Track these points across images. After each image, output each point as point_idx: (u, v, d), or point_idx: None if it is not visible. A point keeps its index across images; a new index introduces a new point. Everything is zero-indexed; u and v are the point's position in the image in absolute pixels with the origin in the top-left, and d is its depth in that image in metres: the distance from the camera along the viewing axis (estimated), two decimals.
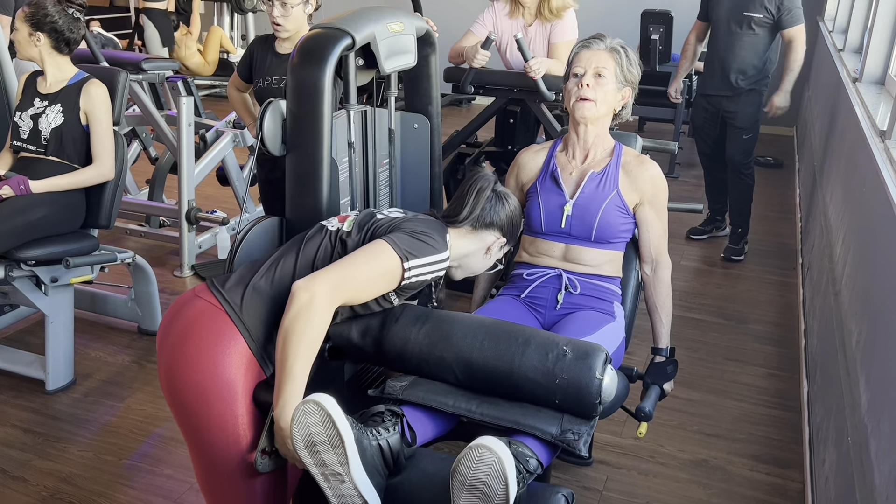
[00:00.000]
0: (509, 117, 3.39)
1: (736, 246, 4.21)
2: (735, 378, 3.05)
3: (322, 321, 1.45)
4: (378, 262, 1.54)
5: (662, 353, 2.11)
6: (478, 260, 1.78)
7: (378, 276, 1.54)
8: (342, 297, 1.49)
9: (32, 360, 2.96)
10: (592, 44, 2.02)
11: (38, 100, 2.76)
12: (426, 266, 1.59)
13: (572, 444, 1.50)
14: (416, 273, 1.58)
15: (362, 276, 1.52)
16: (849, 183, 2.85)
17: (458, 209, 1.75)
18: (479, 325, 1.62)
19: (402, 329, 1.63)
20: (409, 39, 2.01)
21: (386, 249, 1.54)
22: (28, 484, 2.39)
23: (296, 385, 1.43)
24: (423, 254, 1.58)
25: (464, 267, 1.79)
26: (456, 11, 5.60)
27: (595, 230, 2.02)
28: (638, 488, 2.41)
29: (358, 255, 1.54)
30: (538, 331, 1.62)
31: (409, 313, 1.67)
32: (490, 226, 1.75)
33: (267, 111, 1.81)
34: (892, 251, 1.87)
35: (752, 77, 3.90)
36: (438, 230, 1.66)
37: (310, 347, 1.44)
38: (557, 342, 1.56)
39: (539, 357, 1.53)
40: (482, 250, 1.77)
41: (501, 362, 1.55)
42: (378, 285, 1.55)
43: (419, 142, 2.20)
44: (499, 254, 1.81)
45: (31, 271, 2.71)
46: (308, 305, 1.43)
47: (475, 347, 1.57)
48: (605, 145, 2.10)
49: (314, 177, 1.81)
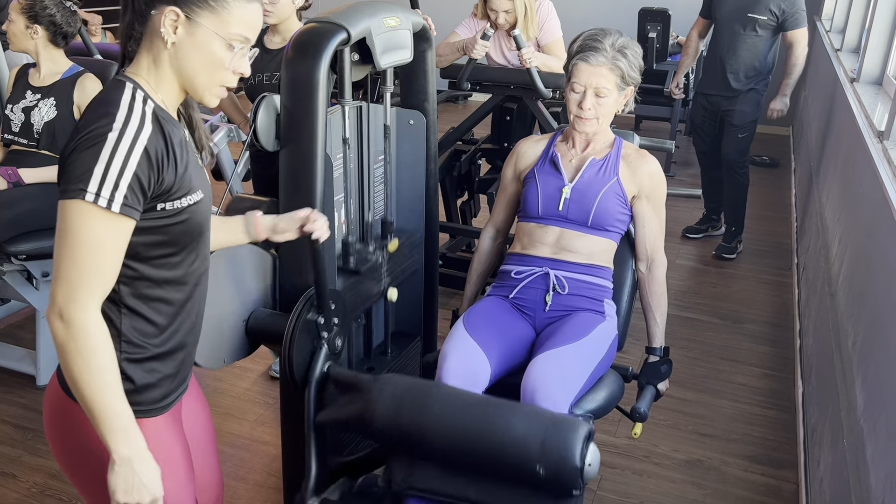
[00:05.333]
0: (506, 114, 3.37)
1: (728, 244, 4.21)
2: (730, 378, 3.04)
3: (93, 342, 1.14)
4: (70, 226, 1.12)
5: (657, 352, 2.10)
6: (206, 63, 1.22)
7: (88, 241, 1.12)
8: (92, 294, 1.14)
9: (23, 355, 2.94)
10: (591, 57, 1.95)
11: (31, 93, 2.73)
12: (116, 165, 1.11)
13: None
14: (116, 189, 1.11)
15: (77, 256, 1.12)
16: (846, 183, 2.84)
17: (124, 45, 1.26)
18: (452, 428, 1.57)
19: (380, 432, 1.62)
20: (406, 35, 1.99)
21: (65, 206, 1.12)
22: (17, 480, 2.37)
23: (119, 418, 1.17)
24: (92, 162, 1.11)
25: (201, 86, 1.25)
26: (453, 7, 5.58)
27: (592, 215, 2.01)
28: (632, 488, 2.40)
29: (59, 240, 1.14)
30: (509, 419, 1.56)
31: (382, 415, 1.61)
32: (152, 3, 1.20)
33: (261, 106, 1.79)
34: (889, 252, 1.86)
35: (752, 77, 3.89)
36: (102, 100, 1.18)
37: (102, 374, 1.15)
38: (528, 456, 1.49)
39: (515, 470, 1.52)
40: (197, 50, 1.21)
41: (483, 468, 1.56)
42: (106, 250, 1.14)
43: (415, 138, 2.18)
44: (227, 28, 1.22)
45: (21, 265, 2.68)
46: (67, 335, 1.13)
47: (454, 450, 1.57)
48: (605, 138, 2.10)
49: (308, 173, 1.79)
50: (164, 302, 1.27)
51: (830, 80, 4.02)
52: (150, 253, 1.23)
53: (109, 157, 1.12)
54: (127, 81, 1.21)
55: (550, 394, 1.73)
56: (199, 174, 1.29)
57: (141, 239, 1.20)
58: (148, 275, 1.24)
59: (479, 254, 2.25)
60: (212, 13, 1.20)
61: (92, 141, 1.12)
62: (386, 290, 2.07)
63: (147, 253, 1.22)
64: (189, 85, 1.25)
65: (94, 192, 1.11)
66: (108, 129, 1.13)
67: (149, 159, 1.15)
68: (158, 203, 1.19)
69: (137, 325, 1.25)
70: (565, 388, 1.76)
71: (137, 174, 1.14)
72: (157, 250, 1.23)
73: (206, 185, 1.31)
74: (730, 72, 3.90)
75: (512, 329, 1.98)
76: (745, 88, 3.91)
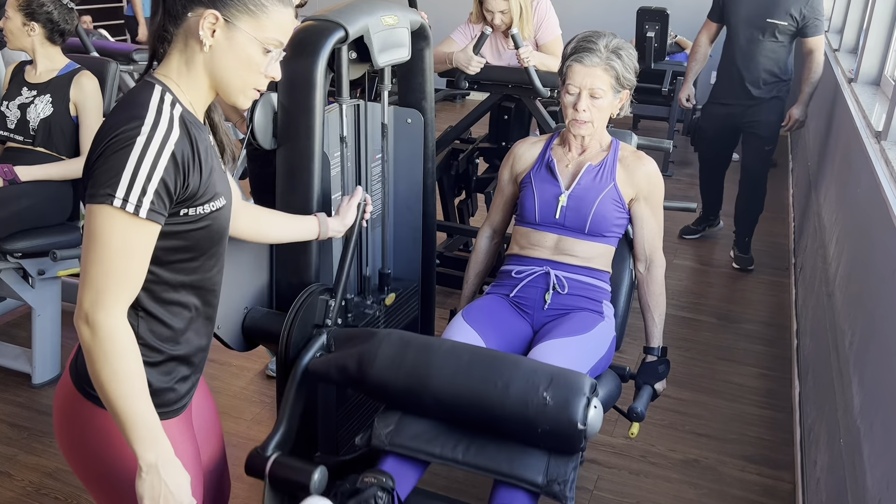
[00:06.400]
0: (504, 113, 3.37)
1: (747, 255, 4.04)
2: (727, 378, 3.04)
3: (120, 347, 1.14)
4: (98, 231, 1.12)
5: (654, 352, 2.09)
6: (242, 67, 1.22)
7: (115, 246, 1.12)
8: (118, 299, 1.14)
9: (19, 353, 2.93)
10: (585, 58, 1.94)
11: (27, 89, 2.72)
12: (144, 170, 1.12)
13: (558, 496, 1.52)
14: (144, 195, 1.11)
15: (104, 261, 1.12)
16: (843, 183, 2.84)
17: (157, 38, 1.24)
18: (457, 369, 1.58)
19: (379, 374, 1.61)
20: (403, 33, 1.99)
21: (92, 211, 1.12)
22: (13, 479, 2.36)
23: (146, 423, 1.17)
24: (120, 167, 1.11)
25: (233, 87, 1.24)
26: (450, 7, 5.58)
27: (590, 222, 2.01)
28: (629, 488, 2.40)
29: (86, 245, 1.14)
30: (518, 366, 1.58)
31: (385, 354, 1.61)
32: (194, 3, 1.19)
33: (258, 105, 1.79)
34: (886, 252, 1.86)
35: (772, 84, 3.71)
36: (130, 102, 1.18)
37: (129, 379, 1.15)
38: (538, 386, 1.52)
39: (520, 406, 1.51)
40: (234, 53, 1.21)
41: (483, 411, 1.55)
42: (132, 255, 1.14)
43: (412, 137, 2.18)
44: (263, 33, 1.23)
45: (17, 263, 2.68)
46: (94, 341, 1.13)
47: (455, 394, 1.56)
48: (602, 141, 2.09)
49: (305, 171, 1.79)
50: (181, 306, 1.27)
51: (828, 80, 4.02)
52: (170, 257, 1.22)
53: (137, 162, 1.11)
54: (156, 83, 1.20)
55: None
56: (222, 180, 1.29)
57: (162, 243, 1.19)
58: (166, 279, 1.23)
59: (477, 253, 2.25)
60: (251, 17, 1.20)
61: (120, 145, 1.12)
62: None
63: (167, 257, 1.21)
64: (222, 88, 1.24)
65: (122, 198, 1.10)
66: (137, 133, 1.12)
67: (176, 164, 1.15)
68: (182, 208, 1.19)
69: (154, 329, 1.25)
70: None
71: (164, 179, 1.13)
72: (177, 255, 1.23)
73: (228, 191, 1.30)
74: (748, 80, 3.71)
75: (510, 325, 1.98)
76: (767, 96, 3.72)
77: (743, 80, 3.72)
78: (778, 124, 3.79)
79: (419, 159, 2.20)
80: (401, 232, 2.24)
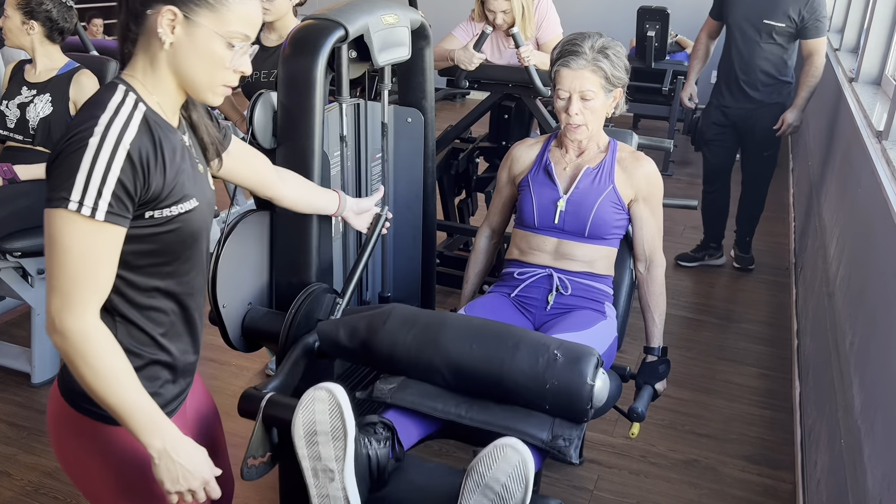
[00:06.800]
0: (504, 113, 3.37)
1: (747, 255, 4.00)
2: (727, 378, 3.04)
3: (96, 347, 1.12)
4: (57, 236, 1.08)
5: (655, 352, 2.09)
6: (206, 63, 1.18)
7: (76, 251, 1.08)
8: (87, 303, 1.11)
9: (18, 352, 2.92)
10: (572, 61, 1.92)
11: (26, 88, 2.72)
12: (98, 171, 1.07)
13: (563, 451, 1.49)
14: (100, 197, 1.07)
15: (66, 266, 1.09)
16: (844, 183, 2.84)
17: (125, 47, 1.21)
18: (468, 328, 1.59)
19: (390, 333, 1.60)
20: (404, 32, 1.98)
21: (49, 216, 1.09)
22: (12, 478, 2.36)
23: (144, 412, 1.16)
24: (74, 168, 1.07)
25: (200, 84, 1.20)
26: (451, 4, 5.57)
27: (589, 226, 2.00)
28: (629, 488, 2.40)
29: (47, 252, 1.11)
30: (528, 332, 1.60)
31: (398, 315, 1.62)
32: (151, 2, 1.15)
33: (257, 104, 1.79)
34: (887, 252, 1.85)
35: (771, 87, 3.56)
36: (91, 103, 1.15)
37: (114, 375, 1.13)
38: (548, 345, 1.54)
39: (529, 361, 1.51)
40: (196, 50, 1.16)
41: (491, 366, 1.53)
42: (94, 259, 1.10)
43: (412, 136, 2.17)
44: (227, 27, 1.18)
45: (17, 262, 2.67)
46: (67, 346, 1.11)
47: (465, 351, 1.55)
48: (599, 142, 2.08)
49: (305, 171, 1.78)
50: (158, 311, 1.24)
51: (829, 79, 4.01)
52: (140, 262, 1.19)
53: (91, 163, 1.07)
54: (120, 84, 1.17)
55: None
56: (195, 181, 1.23)
57: (129, 247, 1.15)
58: (138, 283, 1.20)
59: (476, 253, 2.24)
60: (211, 11, 1.15)
61: (74, 146, 1.08)
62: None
63: (136, 262, 1.18)
64: (189, 85, 1.20)
65: (77, 201, 1.07)
66: (90, 134, 1.08)
67: (132, 164, 1.10)
68: (146, 211, 1.15)
69: (133, 334, 1.23)
70: None
71: (122, 180, 1.09)
72: (147, 259, 1.19)
73: (203, 192, 1.25)
74: (745, 82, 3.57)
75: (512, 322, 1.97)
76: (767, 100, 3.58)
77: (739, 81, 3.60)
78: (776, 131, 3.65)
79: (419, 158, 2.20)
80: (401, 231, 2.24)
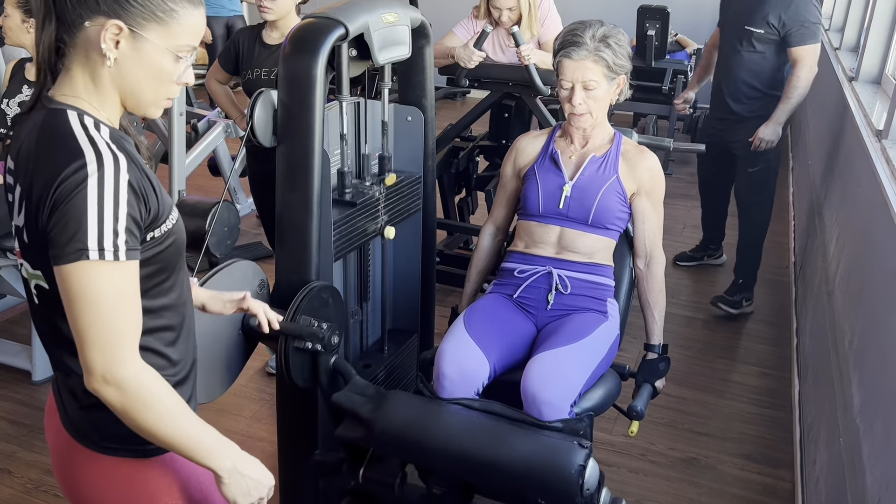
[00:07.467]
0: (504, 111, 3.37)
1: (731, 297, 3.48)
2: (727, 376, 3.04)
3: (153, 389, 1.08)
4: (83, 291, 1.02)
5: (655, 350, 2.09)
6: (153, 79, 1.10)
7: (108, 299, 1.03)
8: (131, 348, 1.07)
9: (19, 350, 2.93)
10: (573, 52, 1.94)
11: (27, 87, 2.72)
12: (108, 211, 1.01)
13: None
14: (117, 237, 1.02)
15: (102, 318, 1.03)
16: (844, 182, 2.84)
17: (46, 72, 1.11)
18: (458, 453, 1.68)
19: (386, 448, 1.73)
20: (404, 30, 1.99)
21: (68, 272, 1.02)
22: (12, 476, 2.36)
23: (209, 439, 1.15)
24: (81, 215, 1.00)
25: (143, 98, 1.12)
26: (451, 2, 5.57)
27: (593, 213, 2.01)
28: (628, 486, 2.40)
29: (73, 308, 1.04)
30: (512, 451, 1.65)
31: (387, 434, 1.72)
32: (90, 12, 1.05)
33: (258, 102, 1.79)
34: (887, 251, 1.86)
35: (756, 99, 3.27)
36: (54, 139, 1.05)
37: (177, 413, 1.11)
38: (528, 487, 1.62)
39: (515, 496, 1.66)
40: (142, 65, 1.08)
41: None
42: (126, 300, 1.06)
43: (412, 135, 2.17)
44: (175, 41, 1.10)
45: (17, 260, 2.67)
46: (126, 398, 1.06)
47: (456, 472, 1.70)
48: (604, 133, 2.09)
49: (305, 169, 1.79)
50: (167, 329, 1.20)
51: (829, 79, 4.01)
52: (147, 285, 1.13)
53: (98, 204, 1.00)
54: (67, 109, 1.06)
55: (550, 400, 1.73)
56: (161, 185, 1.18)
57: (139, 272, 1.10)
58: (149, 307, 1.14)
59: (479, 251, 2.24)
60: (160, 25, 1.06)
61: (71, 193, 1.00)
62: (383, 229, 2.07)
63: (144, 286, 1.12)
64: (132, 102, 1.12)
65: (97, 249, 1.00)
66: (84, 175, 1.00)
67: (135, 193, 1.05)
68: (148, 233, 1.10)
69: (151, 361, 1.15)
70: (564, 392, 1.76)
71: (130, 214, 1.04)
72: (153, 280, 1.14)
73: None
74: (727, 93, 3.33)
75: (513, 326, 1.97)
76: (748, 114, 3.29)
77: (721, 93, 3.37)
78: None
79: (419, 157, 2.20)
80: (401, 230, 2.24)
